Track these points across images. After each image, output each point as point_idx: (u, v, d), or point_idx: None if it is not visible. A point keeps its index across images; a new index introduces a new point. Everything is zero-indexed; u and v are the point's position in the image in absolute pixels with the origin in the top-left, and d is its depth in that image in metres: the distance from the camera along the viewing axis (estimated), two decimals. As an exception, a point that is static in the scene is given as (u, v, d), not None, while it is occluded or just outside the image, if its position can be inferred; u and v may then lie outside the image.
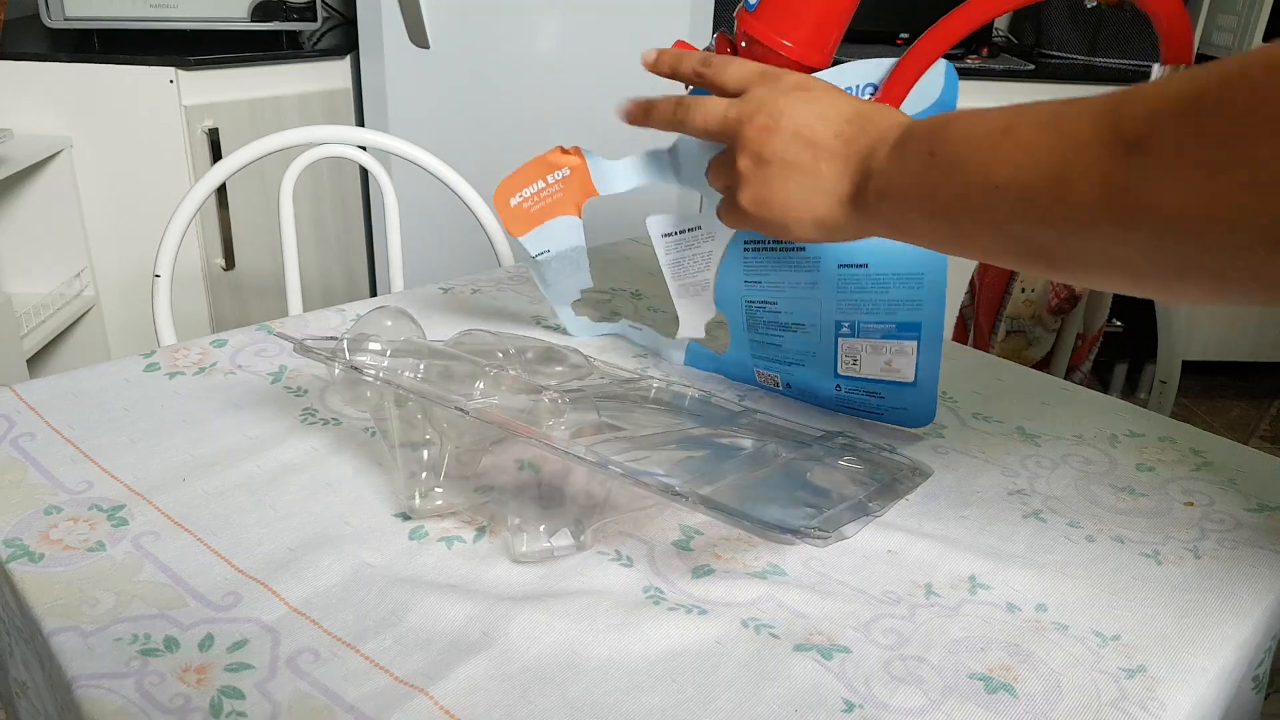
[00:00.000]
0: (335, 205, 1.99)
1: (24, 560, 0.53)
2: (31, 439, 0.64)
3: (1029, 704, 0.47)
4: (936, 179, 0.48)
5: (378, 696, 0.45)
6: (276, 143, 1.08)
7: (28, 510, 0.57)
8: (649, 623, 0.51)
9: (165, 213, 1.04)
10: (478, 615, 0.50)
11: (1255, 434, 2.43)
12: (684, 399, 0.70)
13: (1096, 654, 0.51)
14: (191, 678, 0.46)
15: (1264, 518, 0.64)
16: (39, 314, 1.69)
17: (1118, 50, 2.33)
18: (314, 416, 0.69)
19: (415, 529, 0.58)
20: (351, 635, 0.49)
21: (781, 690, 0.47)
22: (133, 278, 1.82)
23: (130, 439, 0.65)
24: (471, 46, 1.80)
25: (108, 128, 1.71)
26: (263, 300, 1.94)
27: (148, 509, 0.58)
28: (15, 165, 1.55)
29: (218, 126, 1.74)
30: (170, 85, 1.68)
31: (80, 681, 0.45)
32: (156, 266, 1.01)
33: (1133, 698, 0.48)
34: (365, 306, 0.87)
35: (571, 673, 0.47)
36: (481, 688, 0.46)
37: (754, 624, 0.51)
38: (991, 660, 0.50)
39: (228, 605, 0.50)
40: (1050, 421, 0.75)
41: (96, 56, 1.67)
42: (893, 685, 0.48)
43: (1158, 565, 0.58)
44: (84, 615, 0.49)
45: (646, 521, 0.60)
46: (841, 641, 0.51)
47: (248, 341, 0.80)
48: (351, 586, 0.52)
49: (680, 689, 0.47)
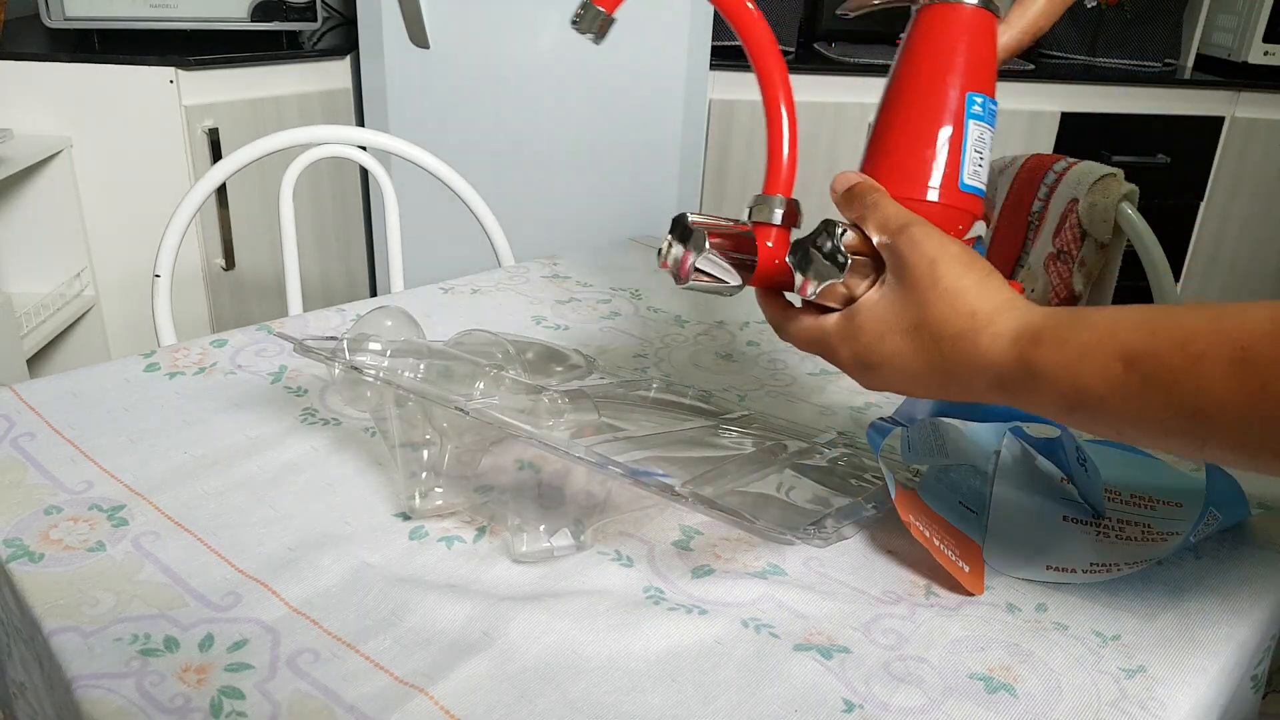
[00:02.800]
0: (335, 205, 1.99)
1: (24, 560, 0.53)
2: (31, 439, 0.64)
3: (1029, 704, 0.47)
4: None
5: (378, 696, 0.45)
6: (276, 143, 1.08)
7: (28, 510, 0.57)
8: (649, 623, 0.51)
9: (165, 213, 1.04)
10: (478, 615, 0.50)
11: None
12: (684, 397, 0.70)
13: (1096, 654, 0.51)
14: (191, 678, 0.46)
15: (1264, 518, 0.64)
16: (39, 314, 1.69)
17: (1118, 50, 2.34)
18: (314, 416, 0.69)
19: (415, 529, 0.58)
20: (351, 635, 0.49)
21: (781, 690, 0.47)
22: (133, 278, 1.82)
23: (130, 439, 0.65)
24: (471, 46, 1.80)
25: (108, 128, 1.71)
26: (263, 300, 1.94)
27: (148, 509, 0.58)
28: (15, 165, 1.55)
29: (218, 126, 1.74)
30: (170, 85, 1.68)
31: (80, 681, 0.45)
32: (156, 266, 1.01)
33: (1133, 697, 0.48)
34: (365, 306, 0.87)
35: (571, 673, 0.47)
36: (481, 688, 0.46)
37: (754, 624, 0.51)
38: (991, 660, 0.50)
39: (228, 605, 0.50)
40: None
41: (96, 56, 1.67)
42: (893, 685, 0.48)
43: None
44: (84, 615, 0.49)
45: (646, 521, 0.60)
46: (841, 641, 0.51)
47: (248, 341, 0.80)
48: (351, 586, 0.52)
49: (680, 689, 0.47)
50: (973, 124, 0.53)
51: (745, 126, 2.05)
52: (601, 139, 1.89)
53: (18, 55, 1.66)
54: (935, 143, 0.53)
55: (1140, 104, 2.21)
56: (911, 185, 0.53)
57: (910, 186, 0.53)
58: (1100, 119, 2.19)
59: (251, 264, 1.88)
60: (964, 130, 0.53)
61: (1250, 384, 0.37)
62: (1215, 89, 2.25)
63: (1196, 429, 0.39)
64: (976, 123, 0.53)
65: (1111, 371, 0.41)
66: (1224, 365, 0.37)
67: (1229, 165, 2.31)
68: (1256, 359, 0.37)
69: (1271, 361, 0.36)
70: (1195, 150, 2.28)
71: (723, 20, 0.57)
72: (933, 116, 0.53)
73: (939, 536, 0.56)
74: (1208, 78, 2.28)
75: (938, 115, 0.53)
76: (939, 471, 0.63)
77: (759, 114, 0.58)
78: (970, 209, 0.54)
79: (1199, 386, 0.38)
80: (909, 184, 0.53)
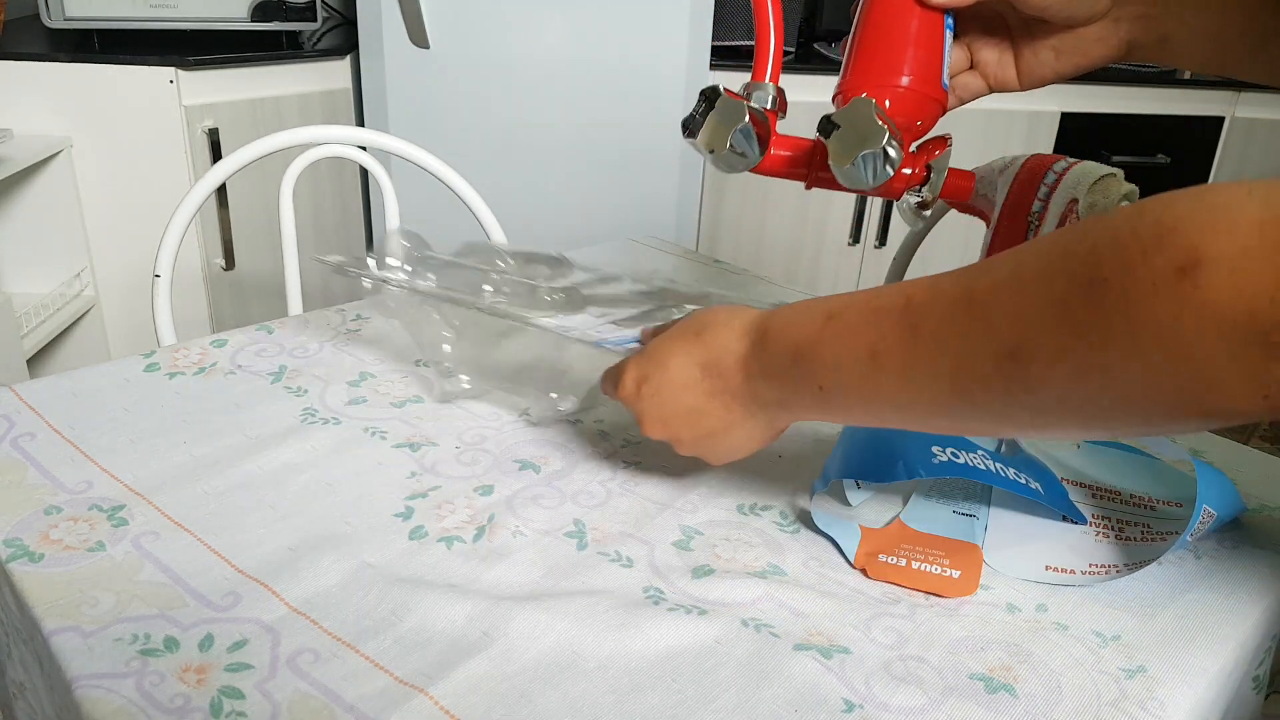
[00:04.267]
0: (335, 205, 1.99)
1: (24, 560, 0.53)
2: (31, 439, 0.64)
3: (1029, 704, 0.47)
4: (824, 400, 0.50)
5: (378, 696, 0.45)
6: (276, 143, 1.08)
7: (28, 510, 0.57)
8: (649, 623, 0.51)
9: (165, 213, 1.04)
10: (478, 615, 0.50)
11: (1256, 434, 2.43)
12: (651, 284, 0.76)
13: (1097, 654, 0.51)
14: (191, 678, 0.46)
15: (1264, 518, 0.64)
16: (39, 314, 1.69)
17: (1118, 50, 2.33)
18: (314, 416, 0.69)
19: (415, 529, 0.58)
20: (351, 635, 0.49)
21: (781, 690, 0.47)
22: (133, 278, 1.82)
23: (130, 439, 0.65)
24: (471, 46, 1.80)
25: (108, 128, 1.71)
26: (263, 300, 1.94)
27: (148, 509, 0.58)
28: (15, 165, 1.55)
29: (218, 126, 1.74)
30: (170, 85, 1.68)
31: (80, 682, 0.45)
32: (156, 266, 1.01)
33: (1133, 698, 0.48)
34: (365, 306, 0.87)
35: (571, 673, 0.47)
36: (481, 688, 0.46)
37: (754, 624, 0.51)
38: (992, 660, 0.50)
39: (227, 605, 0.50)
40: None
41: (96, 56, 1.67)
42: (893, 685, 0.48)
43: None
44: (84, 615, 0.49)
45: (646, 522, 0.60)
46: (841, 641, 0.51)
47: (248, 341, 0.80)
48: (351, 586, 0.52)
49: (680, 689, 0.47)
50: (948, 33, 0.61)
51: (745, 126, 2.04)
52: (601, 139, 1.89)
53: (17, 55, 1.66)
54: (926, 46, 0.60)
55: (1140, 104, 2.21)
56: (898, 77, 0.60)
57: (897, 78, 0.60)
58: (1100, 119, 2.19)
59: (251, 264, 1.88)
60: (944, 38, 0.61)
61: (907, 325, 0.45)
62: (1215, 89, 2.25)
63: (878, 374, 0.46)
64: (949, 32, 0.61)
65: (815, 324, 0.49)
66: (895, 315, 0.45)
67: (1229, 165, 2.31)
68: (917, 307, 0.45)
69: (924, 304, 0.44)
70: (1195, 150, 2.28)
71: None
72: (926, 17, 0.60)
73: (921, 558, 0.56)
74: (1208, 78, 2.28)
75: (930, 17, 0.60)
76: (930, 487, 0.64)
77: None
78: (943, 102, 0.62)
79: (879, 334, 0.46)
80: (896, 75, 0.60)
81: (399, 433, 0.68)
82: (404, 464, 0.64)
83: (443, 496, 0.61)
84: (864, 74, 0.61)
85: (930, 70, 0.60)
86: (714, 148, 0.61)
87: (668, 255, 1.09)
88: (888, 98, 0.60)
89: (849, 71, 0.62)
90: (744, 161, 0.61)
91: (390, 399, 0.72)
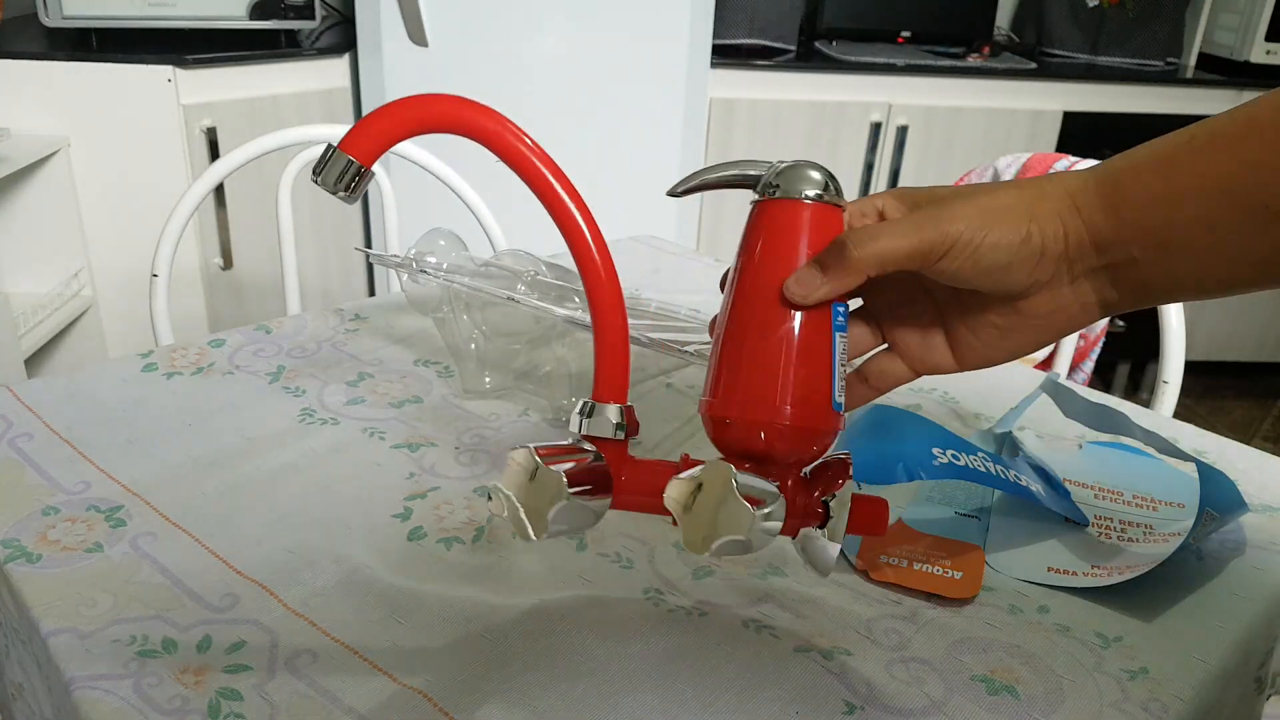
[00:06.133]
0: (334, 205, 1.99)
1: (21, 561, 0.53)
2: (29, 439, 0.64)
3: (1031, 706, 0.47)
4: None
5: (377, 697, 0.45)
6: (275, 141, 1.08)
7: (25, 511, 0.57)
8: (649, 624, 0.51)
9: (163, 212, 1.04)
10: (477, 617, 0.50)
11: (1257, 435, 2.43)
12: None
13: (1099, 655, 0.50)
14: (190, 679, 0.45)
15: (1265, 518, 0.64)
16: (37, 314, 1.69)
17: (1119, 48, 2.33)
18: (313, 416, 0.69)
19: (414, 529, 0.58)
20: (350, 636, 0.49)
21: (782, 691, 0.47)
22: (130, 277, 1.82)
23: (128, 439, 0.65)
24: (471, 45, 1.80)
25: (106, 127, 1.71)
26: (261, 300, 1.94)
27: (146, 510, 0.58)
28: (13, 165, 1.55)
29: (216, 125, 1.74)
30: (168, 84, 1.68)
31: (78, 683, 0.45)
32: (154, 266, 1.01)
33: (1135, 699, 0.48)
34: (366, 306, 0.87)
35: (571, 673, 0.47)
36: (480, 689, 0.46)
37: (754, 625, 0.51)
38: (994, 662, 0.50)
39: (226, 606, 0.50)
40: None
41: (94, 55, 1.67)
42: (894, 687, 0.48)
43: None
44: (82, 616, 0.49)
45: (647, 523, 0.60)
46: (843, 643, 0.50)
47: (246, 341, 0.80)
48: (350, 588, 0.52)
49: (680, 689, 0.47)
50: (838, 336, 0.44)
51: (746, 126, 2.04)
52: (601, 138, 1.89)
53: (15, 54, 1.66)
54: (808, 361, 0.43)
55: (1143, 103, 2.21)
56: (773, 409, 0.43)
57: (771, 410, 0.43)
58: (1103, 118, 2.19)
59: (250, 263, 1.88)
60: (832, 344, 0.44)
61: None
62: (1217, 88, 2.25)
63: None
64: (840, 335, 0.45)
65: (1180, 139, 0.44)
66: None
67: (1229, 164, 2.31)
68: None
69: None
70: (1196, 149, 2.28)
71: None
72: (796, 332, 0.44)
73: (923, 559, 0.56)
74: (1210, 77, 2.28)
75: (806, 329, 0.44)
76: (931, 489, 0.64)
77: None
78: (838, 429, 0.45)
79: None
80: (769, 407, 0.43)
81: (398, 433, 0.68)
82: (403, 465, 0.64)
83: (441, 497, 0.61)
84: (727, 403, 0.44)
85: (816, 394, 0.43)
86: (526, 534, 0.41)
87: (668, 255, 1.08)
88: (762, 434, 0.43)
89: (715, 388, 0.45)
90: (588, 526, 0.44)
91: (389, 399, 0.72)
